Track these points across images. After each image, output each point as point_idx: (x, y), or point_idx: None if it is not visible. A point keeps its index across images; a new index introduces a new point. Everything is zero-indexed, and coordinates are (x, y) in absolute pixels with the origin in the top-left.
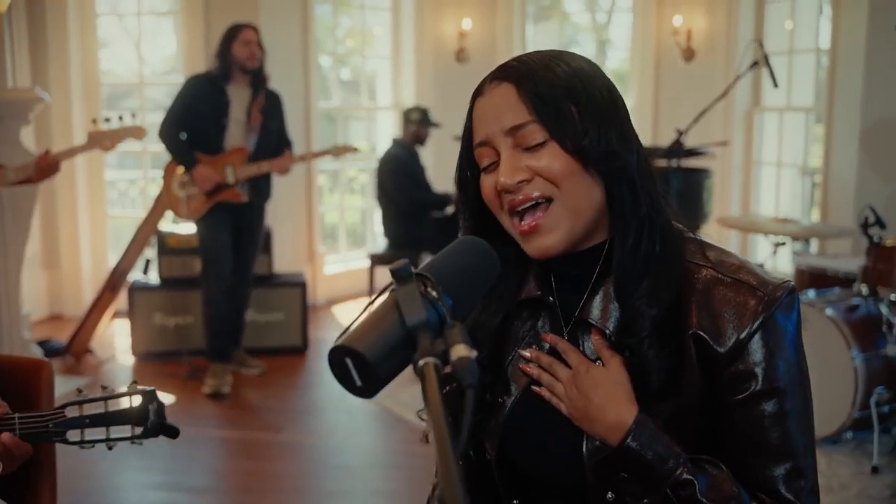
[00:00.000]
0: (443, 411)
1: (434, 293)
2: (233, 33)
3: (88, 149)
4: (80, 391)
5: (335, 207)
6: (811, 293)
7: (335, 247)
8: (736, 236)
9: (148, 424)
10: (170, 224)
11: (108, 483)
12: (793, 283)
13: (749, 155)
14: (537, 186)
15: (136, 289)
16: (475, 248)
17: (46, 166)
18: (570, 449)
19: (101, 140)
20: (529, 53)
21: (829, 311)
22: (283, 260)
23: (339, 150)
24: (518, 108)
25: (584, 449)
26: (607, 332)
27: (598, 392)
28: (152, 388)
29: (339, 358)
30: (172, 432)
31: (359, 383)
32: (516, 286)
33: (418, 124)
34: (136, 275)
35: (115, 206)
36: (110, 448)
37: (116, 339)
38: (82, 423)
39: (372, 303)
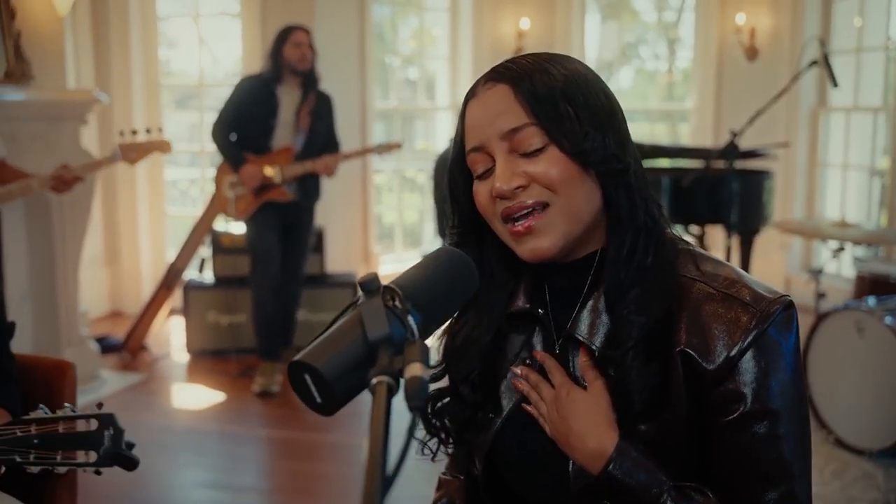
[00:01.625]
0: (382, 435)
1: (401, 307)
2: (284, 35)
3: (113, 162)
4: (39, 407)
5: (393, 207)
6: (871, 300)
7: (391, 246)
8: (799, 241)
9: (101, 451)
10: (224, 223)
11: (154, 480)
12: (790, 297)
13: (814, 156)
14: (533, 193)
15: (190, 287)
16: (452, 260)
17: (71, 179)
18: (556, 470)
19: (128, 153)
20: (523, 55)
21: (888, 320)
22: (337, 260)
23: (384, 148)
24: (515, 110)
25: (569, 470)
26: (594, 347)
27: (579, 418)
28: (111, 412)
29: (298, 374)
30: (129, 464)
31: (318, 400)
32: (507, 299)
33: None
34: (191, 273)
35: (174, 205)
36: (62, 473)
37: (171, 337)
38: (30, 442)
39: (339, 317)
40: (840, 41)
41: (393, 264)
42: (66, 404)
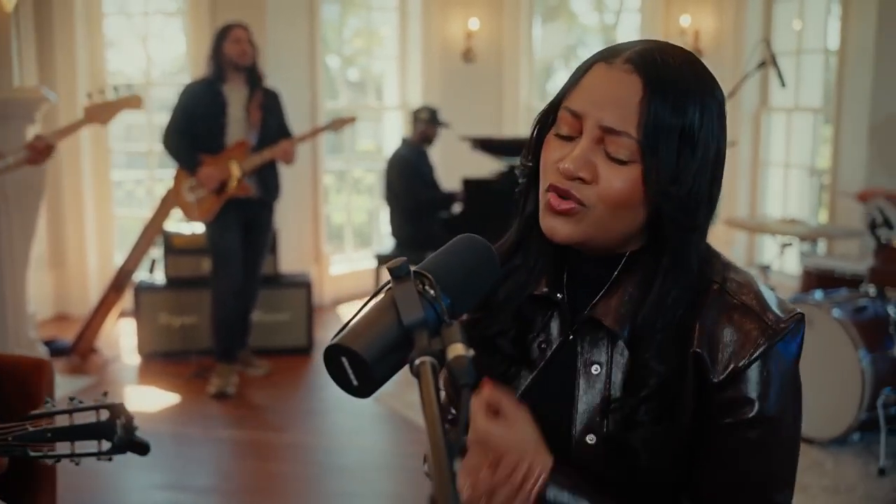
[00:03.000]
0: (438, 411)
1: (432, 291)
2: (223, 33)
3: (85, 124)
4: (47, 402)
5: (342, 208)
6: (818, 294)
7: (341, 247)
8: (743, 237)
9: (115, 440)
10: (176, 224)
11: (111, 482)
12: (802, 313)
13: (757, 156)
14: (587, 193)
15: (141, 289)
16: (475, 246)
17: (44, 148)
18: (559, 447)
19: (99, 114)
20: (680, 54)
21: (836, 313)
22: (289, 260)
23: (338, 124)
24: (630, 113)
25: (572, 443)
26: (621, 336)
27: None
28: (120, 401)
29: (335, 357)
30: (142, 449)
31: (355, 383)
32: (546, 251)
33: (426, 123)
34: (141, 275)
35: (121, 206)
36: (76, 464)
37: (122, 339)
38: (43, 436)
39: (369, 301)
40: (781, 43)
41: (343, 264)
42: (72, 397)
